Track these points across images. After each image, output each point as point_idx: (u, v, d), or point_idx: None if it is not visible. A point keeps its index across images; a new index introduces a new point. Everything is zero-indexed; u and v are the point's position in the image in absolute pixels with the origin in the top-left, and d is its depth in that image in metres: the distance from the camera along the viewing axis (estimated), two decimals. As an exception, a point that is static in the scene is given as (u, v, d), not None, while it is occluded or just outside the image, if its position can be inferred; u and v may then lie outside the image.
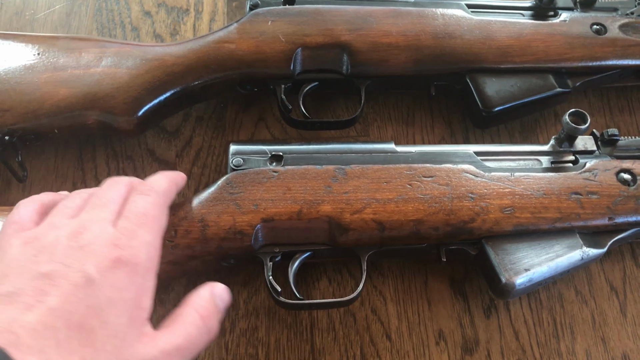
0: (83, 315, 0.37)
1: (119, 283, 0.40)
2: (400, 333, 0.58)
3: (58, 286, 0.38)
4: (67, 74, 0.61)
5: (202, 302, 0.45)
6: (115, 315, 0.39)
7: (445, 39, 0.64)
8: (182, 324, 0.43)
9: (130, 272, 0.41)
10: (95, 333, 0.37)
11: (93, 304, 0.38)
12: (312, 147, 0.58)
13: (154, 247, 0.44)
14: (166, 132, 0.68)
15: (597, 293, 0.61)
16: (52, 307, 0.37)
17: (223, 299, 0.46)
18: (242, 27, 0.64)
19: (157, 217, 0.46)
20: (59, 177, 0.66)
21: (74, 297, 0.38)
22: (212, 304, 0.45)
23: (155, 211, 0.46)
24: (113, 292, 0.39)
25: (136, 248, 0.42)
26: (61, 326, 0.36)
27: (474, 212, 0.54)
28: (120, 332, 0.39)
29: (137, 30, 0.75)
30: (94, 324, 0.38)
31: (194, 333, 0.43)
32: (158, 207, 0.47)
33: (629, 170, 0.58)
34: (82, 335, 0.37)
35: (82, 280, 0.38)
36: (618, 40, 0.66)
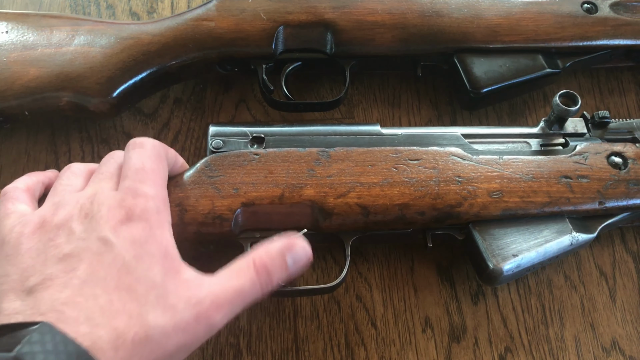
0: (116, 277, 0.38)
1: (137, 238, 0.41)
2: (386, 320, 0.57)
3: (83, 259, 0.39)
4: (37, 53, 0.59)
5: (266, 256, 0.44)
6: (147, 268, 0.40)
7: (433, 17, 0.62)
8: (234, 274, 0.43)
9: (145, 226, 0.42)
10: (133, 289, 0.38)
11: (121, 264, 0.39)
12: (295, 129, 0.56)
13: (160, 199, 0.44)
14: (143, 114, 0.66)
15: (586, 278, 0.60)
16: (84, 278, 0.38)
17: (297, 260, 0.45)
18: (221, 4, 0.62)
19: (155, 168, 0.46)
20: (31, 161, 0.63)
21: (100, 263, 0.39)
22: (278, 261, 0.44)
23: (152, 163, 0.46)
24: (135, 248, 0.40)
25: (142, 203, 0.43)
26: (99, 292, 0.37)
27: (461, 196, 0.53)
28: (158, 283, 0.40)
29: (112, 8, 0.72)
30: (128, 281, 0.39)
31: (245, 286, 0.42)
32: (154, 158, 0.46)
33: (620, 153, 0.56)
34: (122, 295, 0.38)
35: (102, 246, 0.40)
36: (609, 19, 0.65)
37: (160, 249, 0.41)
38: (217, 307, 0.41)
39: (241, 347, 0.55)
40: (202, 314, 0.40)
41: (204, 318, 0.40)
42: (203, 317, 0.40)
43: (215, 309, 0.41)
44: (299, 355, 0.55)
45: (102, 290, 0.37)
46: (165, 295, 0.39)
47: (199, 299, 0.40)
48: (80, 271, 0.38)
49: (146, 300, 0.38)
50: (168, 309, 0.39)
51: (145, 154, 0.46)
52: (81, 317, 0.36)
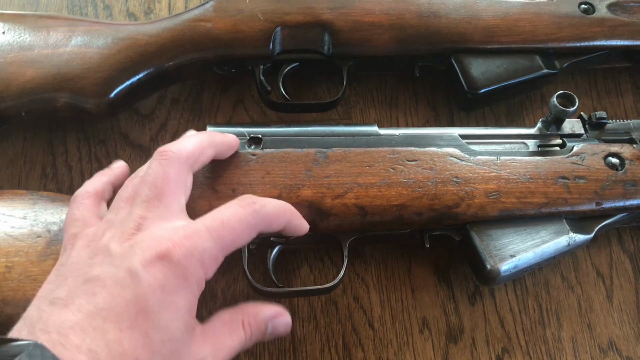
0: (133, 318, 0.36)
1: (168, 284, 0.38)
2: (383, 321, 0.57)
3: (106, 287, 0.37)
4: (34, 53, 0.59)
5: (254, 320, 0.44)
6: (170, 320, 0.38)
7: (430, 18, 0.62)
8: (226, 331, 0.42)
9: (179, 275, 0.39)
10: (149, 336, 0.37)
11: (142, 306, 0.37)
12: (293, 130, 0.56)
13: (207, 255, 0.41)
14: (140, 115, 0.66)
15: (583, 279, 0.60)
16: (100, 307, 0.36)
17: (276, 332, 0.45)
18: (218, 5, 0.61)
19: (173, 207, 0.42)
20: (28, 162, 0.63)
21: (121, 297, 0.37)
22: (263, 330, 0.44)
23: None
24: (163, 294, 0.38)
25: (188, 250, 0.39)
26: (110, 328, 0.36)
27: (458, 196, 0.53)
28: (177, 338, 0.38)
29: (109, 9, 0.72)
30: (145, 326, 0.37)
31: (236, 346, 0.42)
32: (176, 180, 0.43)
33: (617, 154, 0.57)
34: (134, 337, 0.36)
35: (128, 278, 0.37)
36: (606, 20, 0.65)
37: (187, 305, 0.39)
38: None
39: (238, 348, 0.55)
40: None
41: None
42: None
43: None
44: (297, 356, 0.55)
45: (114, 326, 0.36)
46: (179, 350, 0.38)
47: (204, 355, 0.40)
48: (99, 298, 0.36)
49: (159, 351, 0.37)
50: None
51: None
52: (84, 347, 0.34)
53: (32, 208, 0.52)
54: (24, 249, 0.50)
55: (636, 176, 0.55)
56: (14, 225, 0.51)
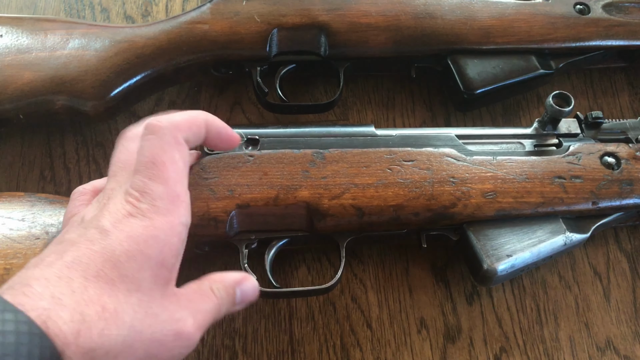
0: (99, 267, 0.37)
1: (136, 235, 0.39)
2: (381, 322, 0.57)
3: (75, 244, 0.38)
4: (31, 56, 0.59)
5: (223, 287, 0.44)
6: (136, 269, 0.38)
7: (426, 19, 0.63)
8: (201, 296, 0.42)
9: (148, 226, 0.39)
10: (115, 284, 0.37)
11: (109, 256, 0.38)
12: (290, 131, 0.56)
13: (169, 198, 0.41)
14: (138, 117, 0.66)
15: (580, 278, 0.60)
16: (67, 261, 0.37)
17: (245, 295, 0.45)
18: (215, 7, 0.62)
19: (166, 161, 0.41)
20: (26, 164, 0.63)
21: (89, 250, 0.38)
22: (231, 294, 0.44)
23: (164, 154, 0.41)
24: (130, 244, 0.38)
25: (149, 201, 0.40)
26: (76, 276, 0.36)
27: (455, 196, 0.53)
28: (145, 287, 0.38)
29: (107, 12, 0.72)
30: (112, 275, 0.37)
31: (213, 309, 0.42)
32: (166, 147, 0.42)
33: (613, 153, 0.57)
34: (100, 285, 0.37)
35: (97, 234, 0.38)
36: (601, 20, 0.65)
37: (158, 255, 0.39)
38: (198, 327, 0.41)
39: (237, 349, 0.55)
40: (184, 331, 0.39)
41: (186, 336, 0.40)
42: (185, 335, 0.39)
43: (196, 331, 0.40)
44: (295, 356, 0.55)
45: (79, 275, 0.36)
46: (149, 302, 0.38)
47: (182, 316, 0.40)
48: (68, 254, 0.37)
49: (126, 300, 0.37)
50: (149, 316, 0.38)
51: (156, 144, 0.42)
52: (46, 293, 0.34)
53: (30, 210, 0.53)
54: (22, 251, 0.50)
55: (632, 175, 0.56)
56: (12, 228, 0.51)
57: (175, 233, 0.41)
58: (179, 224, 0.41)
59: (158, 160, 0.41)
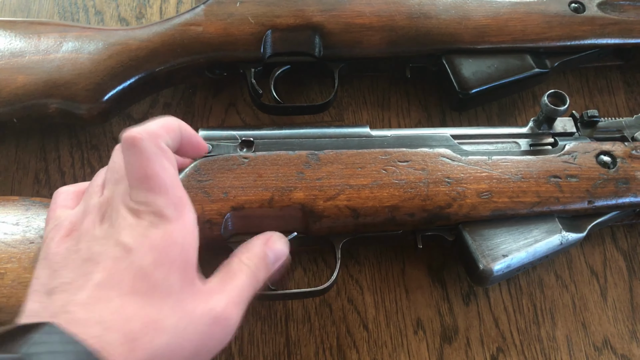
0: (131, 282, 0.38)
1: (157, 243, 0.40)
2: (378, 323, 0.57)
3: (100, 263, 0.39)
4: (25, 60, 0.59)
5: (252, 256, 0.45)
6: (164, 275, 0.39)
7: (421, 19, 0.63)
8: (235, 277, 0.43)
9: (165, 235, 0.40)
10: (149, 295, 0.38)
11: (137, 270, 0.39)
12: (284, 132, 0.56)
13: (175, 204, 0.41)
14: (132, 120, 0.66)
15: (577, 277, 0.60)
16: (99, 281, 0.38)
17: (276, 252, 0.47)
18: (209, 9, 0.62)
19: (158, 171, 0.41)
20: (20, 168, 0.63)
21: (116, 268, 0.38)
22: (263, 258, 0.46)
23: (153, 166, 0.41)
24: (154, 255, 0.39)
25: (158, 214, 0.41)
26: (112, 296, 0.37)
27: (450, 197, 0.53)
28: (176, 289, 0.40)
29: (101, 14, 0.72)
30: (145, 287, 0.38)
31: (246, 286, 0.43)
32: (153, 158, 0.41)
33: (609, 152, 0.57)
34: (137, 300, 0.38)
35: (120, 251, 0.39)
36: (596, 18, 0.65)
37: (181, 258, 0.41)
38: (234, 306, 0.42)
39: (233, 351, 0.55)
40: (219, 314, 0.41)
41: (223, 319, 0.41)
42: (221, 317, 0.41)
43: (232, 309, 0.42)
44: (291, 358, 0.55)
45: (116, 294, 0.37)
46: (182, 301, 0.40)
47: (215, 303, 0.41)
48: (96, 275, 0.38)
49: (162, 306, 0.38)
50: (187, 315, 0.39)
51: (142, 156, 0.41)
52: (92, 319, 0.36)
53: (25, 214, 0.52)
54: (16, 256, 0.50)
55: (628, 174, 0.55)
56: (7, 232, 0.51)
57: (189, 232, 0.42)
58: (190, 223, 0.42)
59: (150, 172, 0.41)
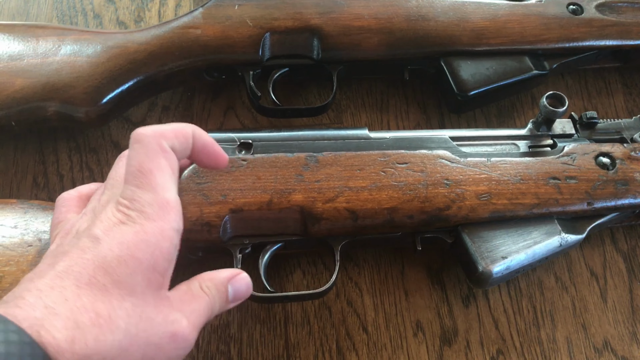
0: (91, 274, 0.37)
1: (127, 240, 0.39)
2: (377, 325, 0.57)
3: (67, 253, 0.38)
4: (23, 63, 0.59)
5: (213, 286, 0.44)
6: (128, 273, 0.38)
7: (419, 22, 0.63)
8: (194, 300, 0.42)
9: (139, 231, 0.40)
10: (108, 290, 0.37)
11: (101, 262, 0.38)
12: (283, 134, 0.56)
13: (158, 204, 0.41)
14: (131, 123, 0.66)
15: (577, 279, 0.60)
16: (59, 270, 0.37)
17: (237, 291, 0.46)
18: (207, 12, 0.62)
19: (153, 168, 0.41)
20: (19, 171, 0.63)
21: (80, 258, 0.38)
22: (224, 292, 0.45)
23: (150, 162, 0.41)
24: (121, 249, 0.39)
25: (138, 209, 0.40)
26: (68, 284, 0.36)
27: (449, 199, 0.53)
28: (138, 292, 0.39)
29: (99, 18, 0.72)
30: (104, 281, 0.37)
31: (203, 312, 0.42)
32: (152, 155, 0.41)
33: (608, 153, 0.57)
34: (93, 292, 0.37)
35: (89, 242, 0.39)
36: (594, 20, 0.65)
37: (149, 259, 0.39)
38: (193, 328, 0.41)
39: (232, 354, 0.55)
40: (179, 332, 0.40)
41: (181, 337, 0.40)
42: (180, 336, 0.40)
43: (192, 331, 0.41)
44: (290, 361, 0.55)
45: (72, 284, 0.36)
46: (143, 305, 0.39)
47: (176, 318, 0.40)
48: (59, 264, 0.37)
49: (120, 305, 0.37)
50: (144, 320, 0.38)
51: (142, 152, 0.41)
52: (39, 304, 0.35)
53: (23, 217, 0.52)
54: (15, 258, 0.50)
55: (627, 175, 0.55)
56: (5, 235, 0.51)
57: (166, 238, 0.41)
58: (170, 229, 0.41)
59: (145, 168, 0.41)
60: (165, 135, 0.43)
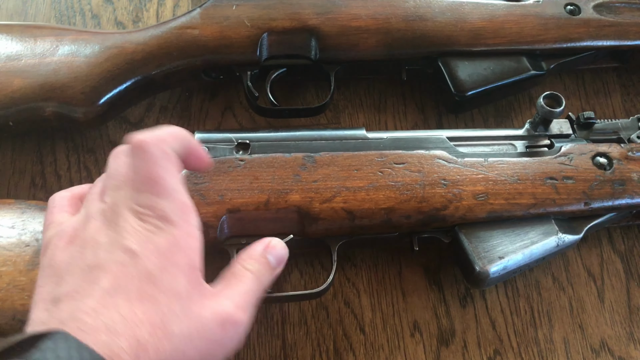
0: (139, 288, 0.38)
1: (162, 248, 0.40)
2: (374, 325, 0.57)
3: (107, 270, 0.38)
4: (21, 63, 0.59)
5: (254, 261, 0.45)
6: (171, 279, 0.39)
7: (416, 22, 0.63)
8: (240, 282, 0.43)
9: (170, 239, 0.40)
10: (157, 299, 0.38)
11: (145, 275, 0.38)
12: (280, 135, 0.56)
13: (178, 207, 0.41)
14: (129, 123, 0.66)
15: (574, 279, 0.60)
16: (106, 288, 0.37)
17: (277, 256, 0.47)
18: (205, 12, 0.62)
19: (164, 175, 0.41)
20: (17, 172, 0.63)
21: (123, 274, 0.38)
22: (265, 263, 0.46)
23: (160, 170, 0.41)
24: (160, 259, 0.39)
25: (163, 218, 0.41)
26: (121, 302, 0.37)
27: (446, 199, 0.53)
28: (184, 293, 0.39)
29: (97, 18, 0.72)
30: (152, 292, 0.38)
31: (251, 290, 0.43)
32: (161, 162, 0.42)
33: (605, 154, 0.57)
34: (145, 305, 0.37)
35: (126, 257, 0.39)
36: (592, 20, 0.65)
37: (185, 260, 0.40)
38: (241, 310, 0.42)
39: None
40: (228, 318, 0.41)
41: (231, 322, 0.41)
42: (229, 321, 0.41)
43: (240, 312, 0.42)
44: (288, 361, 0.55)
45: (124, 300, 0.37)
46: (190, 305, 0.39)
47: (222, 305, 0.41)
48: (103, 282, 0.38)
49: (170, 310, 0.38)
50: (194, 319, 0.39)
51: (150, 160, 0.41)
52: (101, 326, 0.35)
53: (21, 217, 0.52)
54: (12, 259, 0.50)
55: (624, 175, 0.55)
56: (2, 235, 0.51)
57: (193, 237, 0.42)
58: (194, 228, 0.42)
59: (155, 175, 0.41)
60: (166, 140, 0.43)
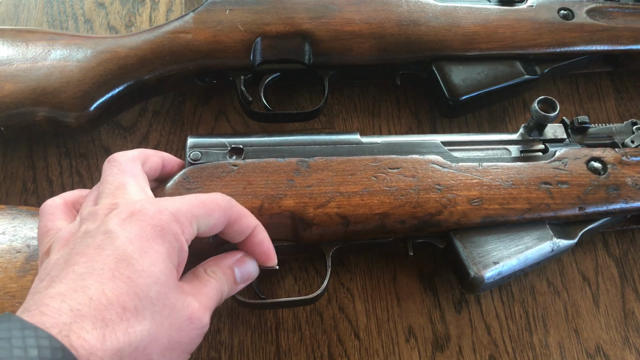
0: (113, 267, 0.38)
1: (145, 234, 0.40)
2: (369, 331, 0.56)
3: (84, 254, 0.39)
4: (12, 68, 0.58)
5: (219, 270, 0.46)
6: (150, 263, 0.39)
7: (410, 27, 0.62)
8: (203, 285, 0.44)
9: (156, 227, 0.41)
10: (132, 281, 0.38)
11: (122, 255, 0.38)
12: (274, 139, 0.56)
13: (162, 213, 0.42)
14: (121, 128, 0.65)
15: (569, 284, 0.60)
16: (80, 272, 0.37)
17: (244, 272, 0.47)
18: (198, 16, 0.61)
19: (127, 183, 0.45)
20: (8, 177, 0.62)
21: (99, 254, 0.38)
22: (230, 275, 0.46)
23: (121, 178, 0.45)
24: (141, 242, 0.39)
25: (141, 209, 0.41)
26: (91, 283, 0.37)
27: (441, 204, 0.52)
28: (161, 279, 0.39)
29: (90, 22, 0.72)
30: (128, 273, 0.38)
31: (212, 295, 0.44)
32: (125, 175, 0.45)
33: (600, 158, 0.57)
34: (117, 285, 0.37)
35: (106, 239, 0.39)
36: (586, 25, 0.65)
37: (167, 252, 0.40)
38: (205, 310, 0.42)
39: (223, 361, 0.55)
40: (194, 315, 0.41)
41: (197, 319, 0.41)
42: (195, 318, 0.41)
43: (204, 312, 0.42)
44: (282, 368, 0.55)
45: (95, 281, 0.37)
46: (167, 295, 0.39)
47: (189, 302, 0.41)
48: (78, 266, 0.38)
49: (146, 295, 0.38)
50: (167, 307, 0.39)
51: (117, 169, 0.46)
52: (65, 308, 0.35)
53: (11, 223, 0.52)
54: (2, 265, 0.49)
55: (618, 180, 0.55)
56: (-7, 241, 0.50)
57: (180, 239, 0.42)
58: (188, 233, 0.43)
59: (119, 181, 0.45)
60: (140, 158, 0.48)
